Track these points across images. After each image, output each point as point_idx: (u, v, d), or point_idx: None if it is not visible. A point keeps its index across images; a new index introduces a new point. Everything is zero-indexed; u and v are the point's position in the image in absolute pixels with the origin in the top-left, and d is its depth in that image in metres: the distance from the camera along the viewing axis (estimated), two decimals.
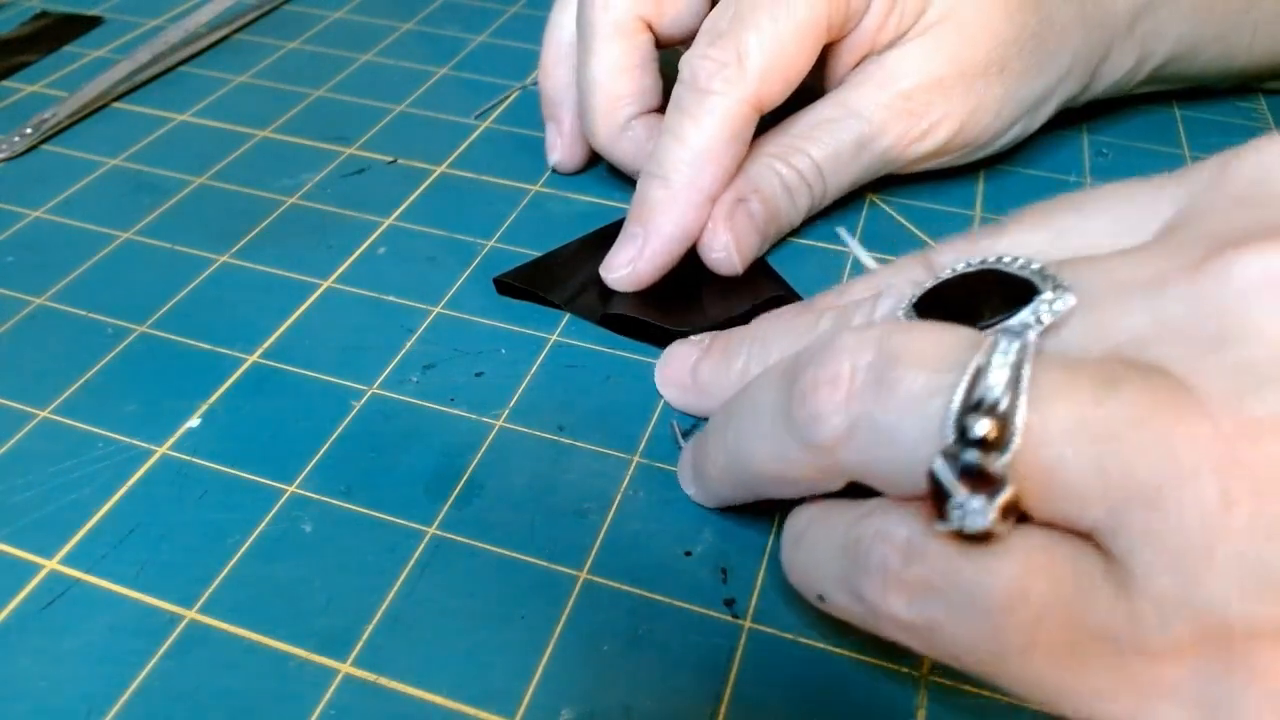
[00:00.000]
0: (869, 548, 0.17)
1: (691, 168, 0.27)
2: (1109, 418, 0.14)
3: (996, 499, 0.14)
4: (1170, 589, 0.14)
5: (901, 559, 0.16)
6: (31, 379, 0.26)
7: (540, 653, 0.20)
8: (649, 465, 0.24)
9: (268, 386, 0.26)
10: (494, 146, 0.36)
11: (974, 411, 0.15)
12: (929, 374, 0.16)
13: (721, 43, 0.26)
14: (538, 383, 0.26)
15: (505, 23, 0.45)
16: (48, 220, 0.32)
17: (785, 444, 0.18)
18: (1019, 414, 0.14)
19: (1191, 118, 0.37)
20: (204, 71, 0.41)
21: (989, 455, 0.14)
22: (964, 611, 0.15)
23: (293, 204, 0.33)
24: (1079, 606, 0.14)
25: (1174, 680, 0.14)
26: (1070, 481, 0.14)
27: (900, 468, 0.16)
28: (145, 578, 0.21)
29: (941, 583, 0.15)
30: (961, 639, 0.16)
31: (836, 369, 0.17)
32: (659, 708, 0.19)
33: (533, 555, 0.22)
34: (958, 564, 0.15)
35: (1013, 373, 0.15)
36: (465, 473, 0.24)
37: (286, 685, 0.19)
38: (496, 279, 0.29)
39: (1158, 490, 0.14)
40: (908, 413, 0.16)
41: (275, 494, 0.23)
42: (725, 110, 0.26)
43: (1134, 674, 0.14)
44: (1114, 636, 0.14)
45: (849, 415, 0.17)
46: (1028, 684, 0.15)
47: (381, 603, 0.21)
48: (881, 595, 0.16)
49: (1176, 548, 0.13)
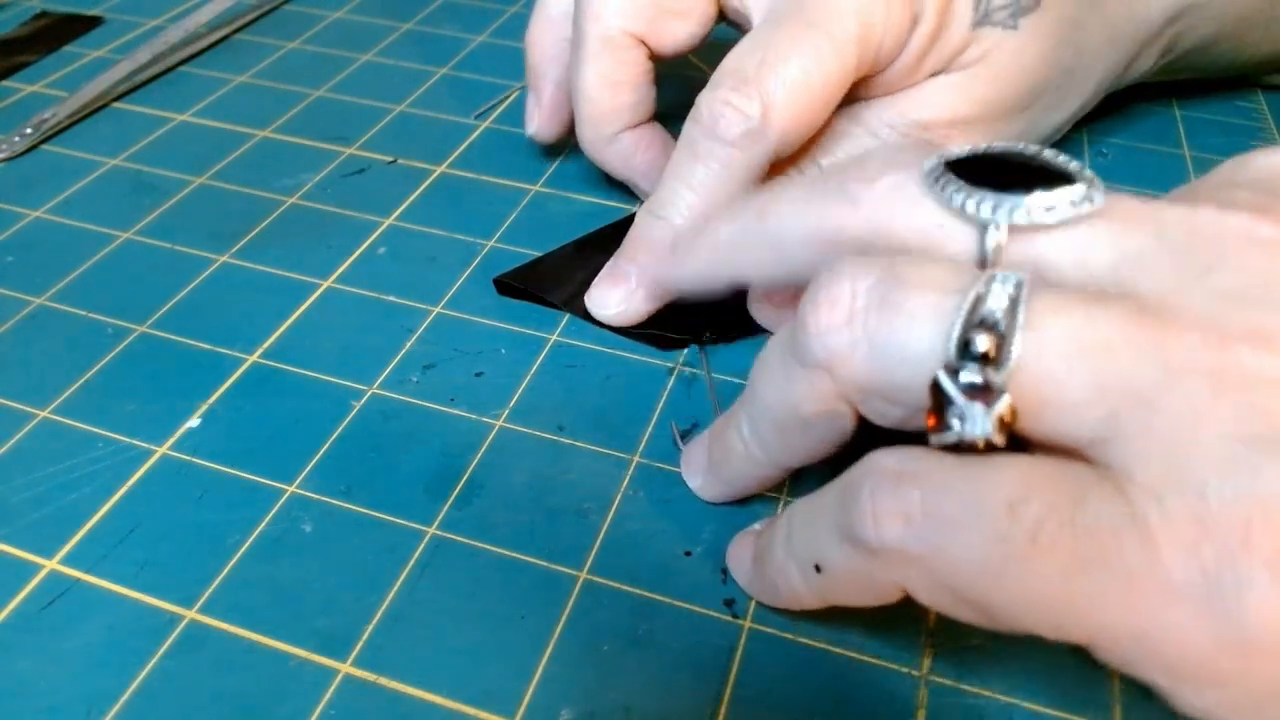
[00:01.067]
0: (860, 483, 0.17)
1: (695, 214, 0.26)
2: (1102, 333, 0.15)
3: (995, 407, 0.15)
4: (1165, 475, 0.14)
5: (894, 483, 0.16)
6: (31, 379, 0.26)
7: (540, 653, 0.20)
8: (649, 465, 0.24)
9: (268, 386, 0.26)
10: (494, 146, 0.36)
11: (976, 329, 0.15)
12: (934, 296, 0.16)
13: (746, 90, 0.25)
14: (538, 383, 0.26)
15: (505, 23, 0.45)
16: (48, 220, 0.32)
17: (791, 371, 0.18)
18: (1017, 332, 0.15)
19: (1192, 118, 0.37)
20: (204, 71, 0.41)
21: (989, 369, 0.15)
22: (963, 523, 0.15)
23: (293, 204, 0.33)
24: (1080, 508, 0.15)
25: (1176, 572, 0.14)
26: (1066, 393, 0.15)
27: (901, 383, 0.17)
28: (145, 578, 0.21)
29: (938, 498, 0.16)
30: (962, 558, 0.15)
31: (839, 290, 0.17)
32: (659, 708, 0.19)
33: (533, 555, 0.22)
34: (954, 477, 0.16)
35: (1011, 300, 0.15)
36: (465, 473, 0.24)
37: (286, 685, 0.19)
38: (496, 279, 0.29)
39: (1152, 388, 0.14)
40: (911, 330, 0.16)
41: (275, 494, 0.23)
42: (745, 165, 0.25)
43: (1138, 574, 0.14)
44: (1115, 533, 0.14)
45: (851, 333, 0.17)
46: (1030, 600, 0.15)
47: (381, 603, 0.21)
48: (877, 527, 0.16)
49: (1170, 438, 0.14)
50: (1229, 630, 0.14)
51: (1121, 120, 0.37)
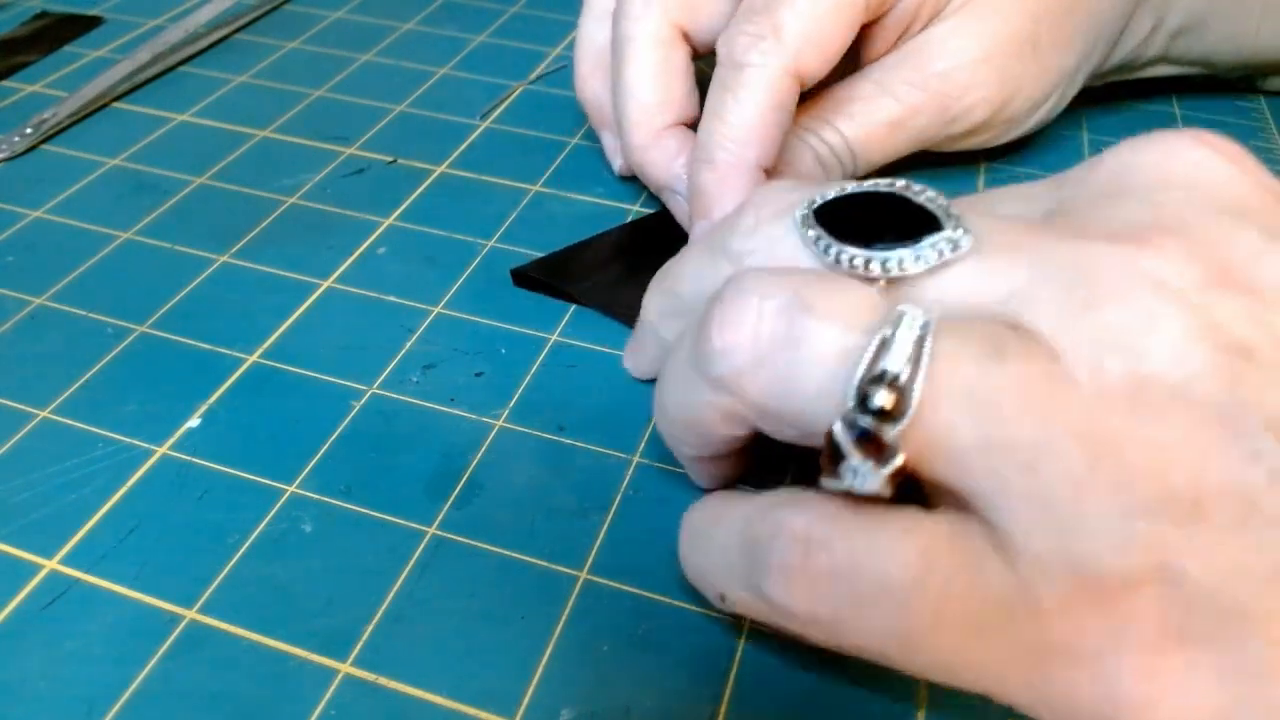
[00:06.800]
0: (768, 545, 0.17)
1: (736, 144, 0.26)
2: (993, 387, 0.15)
3: (887, 466, 0.15)
4: (1049, 549, 0.14)
5: (803, 551, 0.16)
6: (31, 379, 0.26)
7: (540, 653, 0.20)
8: (649, 465, 0.24)
9: (268, 386, 0.26)
10: (494, 146, 0.36)
11: (876, 382, 0.15)
12: (838, 332, 0.16)
13: (757, 18, 0.26)
14: (538, 383, 0.26)
15: (505, 23, 0.45)
16: (48, 220, 0.32)
17: (694, 384, 0.18)
18: (917, 385, 0.15)
19: (1192, 118, 0.37)
20: (204, 71, 0.41)
21: (885, 424, 0.15)
22: (869, 596, 0.16)
23: (293, 204, 0.33)
24: (976, 579, 0.15)
25: (1066, 640, 0.14)
26: (957, 447, 0.15)
27: (798, 416, 0.17)
28: (145, 578, 0.21)
29: (846, 570, 0.16)
30: (868, 626, 0.16)
31: (744, 306, 0.17)
32: (659, 708, 0.19)
33: (533, 555, 0.22)
34: (860, 549, 0.16)
35: (915, 347, 0.15)
36: (465, 473, 0.24)
37: (286, 685, 0.19)
38: (514, 270, 0.29)
39: (1033, 455, 0.14)
40: (813, 366, 0.16)
41: (275, 494, 0.23)
42: (765, 80, 0.25)
43: (1030, 640, 0.15)
44: (1007, 603, 0.15)
45: (755, 352, 0.17)
46: (936, 666, 0.16)
47: (381, 603, 0.21)
48: (785, 591, 0.16)
49: (1051, 509, 0.14)
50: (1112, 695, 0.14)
51: (1122, 120, 0.37)
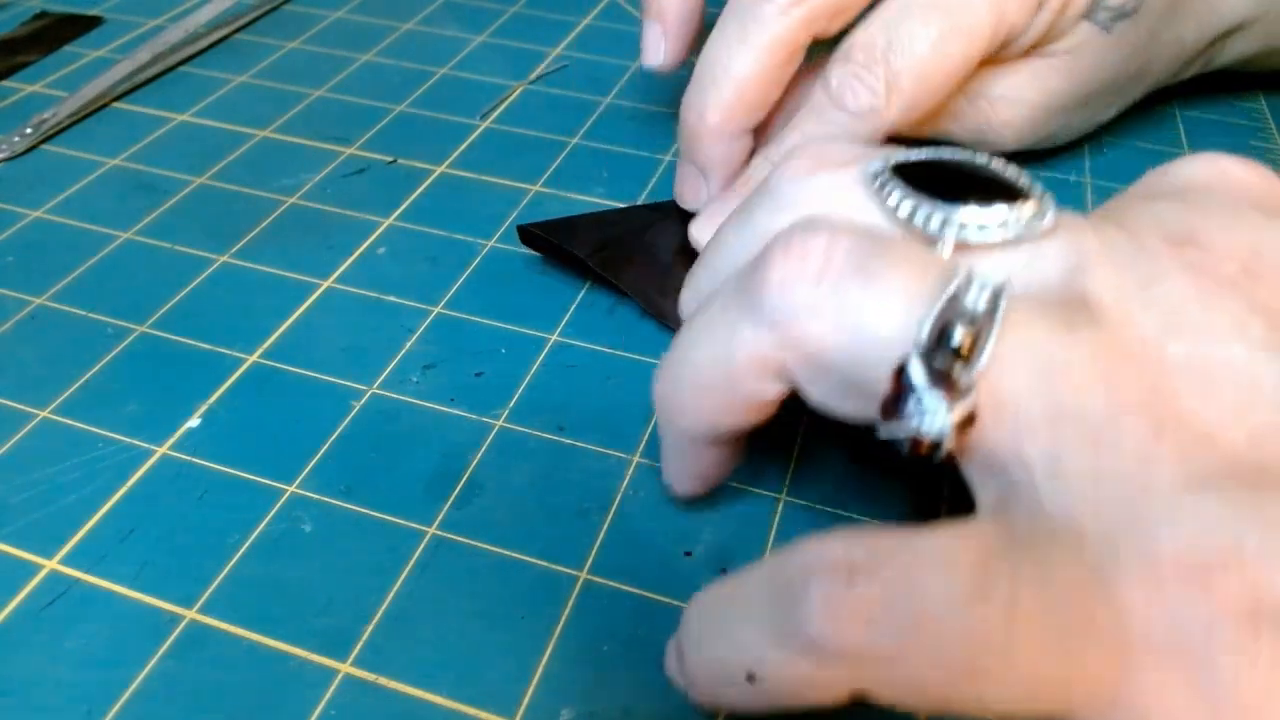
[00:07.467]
0: (804, 583, 0.14)
1: None
2: (1064, 356, 0.15)
3: (959, 405, 0.14)
4: (1117, 526, 0.14)
5: (846, 580, 0.14)
6: (31, 379, 0.26)
7: (540, 653, 0.20)
8: (649, 465, 0.24)
9: (268, 386, 0.26)
10: (494, 146, 0.36)
11: (957, 318, 0.15)
12: (913, 276, 0.15)
13: (875, 70, 0.25)
14: (538, 383, 0.26)
15: (505, 23, 0.45)
16: (48, 220, 0.32)
17: (733, 329, 0.17)
18: (992, 335, 0.15)
19: (1192, 118, 0.37)
20: (204, 71, 0.41)
21: (959, 364, 0.15)
22: (929, 620, 0.13)
23: (293, 204, 0.33)
24: (1041, 574, 0.14)
25: (1147, 627, 0.13)
26: (1023, 412, 0.15)
27: (856, 361, 0.15)
28: (145, 578, 0.21)
29: (897, 592, 0.13)
30: (935, 648, 0.13)
31: (814, 243, 0.16)
32: (659, 708, 0.19)
33: (533, 555, 0.22)
34: (910, 563, 0.14)
35: (990, 302, 0.15)
36: (465, 473, 0.24)
37: (286, 685, 0.19)
38: (521, 227, 0.29)
39: (1100, 425, 0.14)
40: (886, 303, 0.15)
41: (275, 494, 0.23)
42: (860, 137, 0.26)
43: (1110, 634, 0.13)
44: (1081, 594, 0.13)
45: (818, 293, 0.16)
46: (1009, 683, 0.13)
47: (381, 603, 0.21)
48: (833, 625, 0.14)
49: (1119, 482, 0.14)
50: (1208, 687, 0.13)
51: (1121, 119, 0.37)
